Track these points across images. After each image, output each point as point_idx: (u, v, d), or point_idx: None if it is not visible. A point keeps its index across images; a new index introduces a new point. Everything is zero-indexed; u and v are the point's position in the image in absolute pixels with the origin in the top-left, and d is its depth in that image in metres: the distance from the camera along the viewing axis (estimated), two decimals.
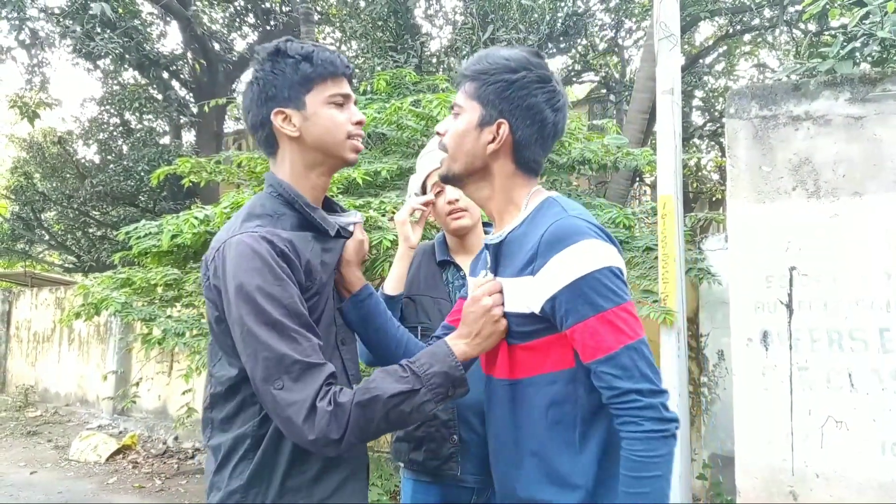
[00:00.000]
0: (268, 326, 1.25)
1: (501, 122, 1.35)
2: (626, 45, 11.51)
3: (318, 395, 1.24)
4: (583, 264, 1.24)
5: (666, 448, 1.21)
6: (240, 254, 1.29)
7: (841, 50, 3.67)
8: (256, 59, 1.44)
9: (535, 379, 1.34)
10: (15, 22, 9.20)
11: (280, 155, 1.45)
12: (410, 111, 4.55)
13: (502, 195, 1.41)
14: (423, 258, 2.20)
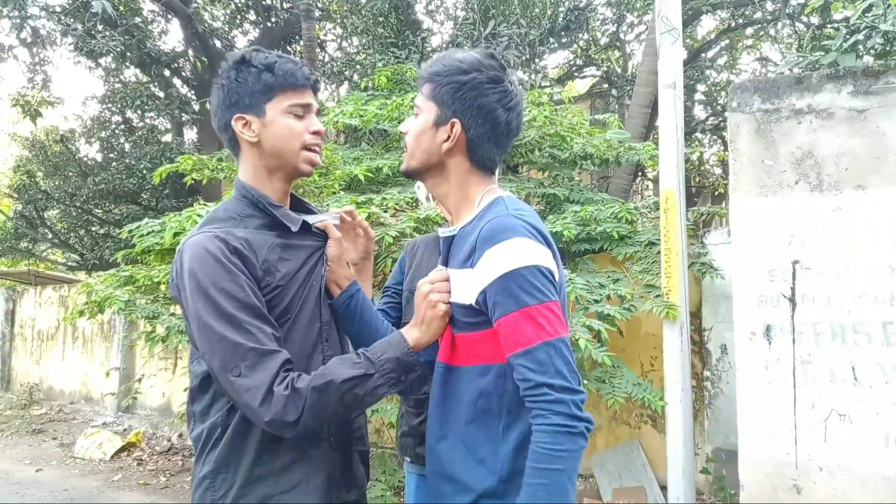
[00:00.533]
0: (222, 319, 1.31)
1: (454, 121, 1.41)
2: (628, 40, 11.48)
3: (275, 381, 1.30)
4: (511, 260, 1.29)
5: (571, 444, 1.23)
6: (194, 254, 1.36)
7: (844, 43, 3.65)
8: (224, 66, 1.50)
9: (470, 368, 1.39)
10: (16, 20, 9.21)
11: (242, 158, 1.52)
12: (412, 107, 4.55)
13: (458, 191, 1.46)
14: (426, 249, 2.20)
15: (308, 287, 1.52)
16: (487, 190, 1.45)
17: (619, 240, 4.12)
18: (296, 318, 1.47)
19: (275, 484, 1.39)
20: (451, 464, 1.40)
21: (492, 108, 1.40)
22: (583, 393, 1.27)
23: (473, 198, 1.45)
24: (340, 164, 4.53)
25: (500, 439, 1.34)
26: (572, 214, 4.09)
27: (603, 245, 4.26)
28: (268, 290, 1.42)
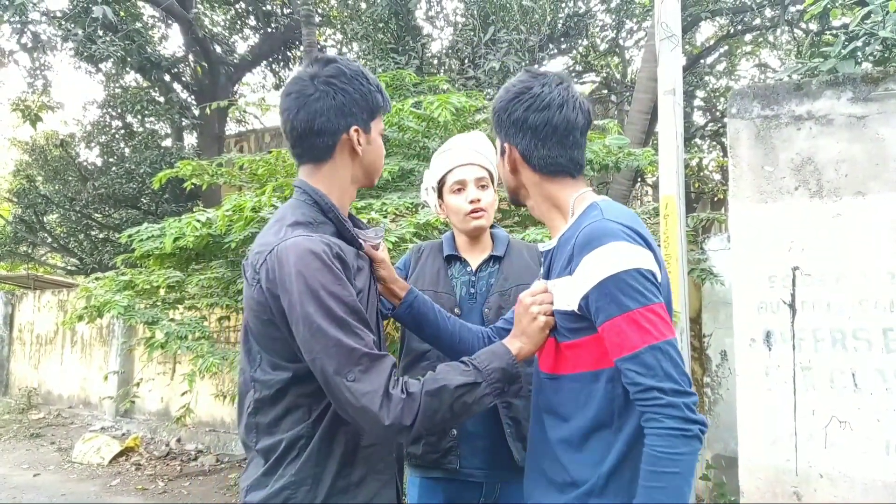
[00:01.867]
0: (335, 323, 1.32)
1: (505, 145, 1.51)
2: (628, 46, 11.51)
3: (391, 384, 1.32)
4: (610, 265, 1.30)
5: (686, 447, 1.23)
6: (300, 255, 1.34)
7: (843, 49, 3.66)
8: (342, 72, 1.50)
9: (578, 375, 1.40)
10: (17, 25, 9.22)
11: (330, 165, 1.52)
12: (411, 113, 4.55)
13: (543, 204, 1.52)
14: (430, 254, 2.23)
15: (370, 304, 1.54)
16: (578, 196, 1.48)
17: None
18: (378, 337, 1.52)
19: (353, 497, 1.41)
20: (555, 466, 1.42)
21: (523, 119, 1.46)
22: (694, 395, 1.27)
23: (563, 206, 1.49)
24: None
25: (610, 441, 1.35)
26: None
27: None
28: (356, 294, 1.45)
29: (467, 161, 2.13)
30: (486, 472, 2.01)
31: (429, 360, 2.05)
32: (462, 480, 2.02)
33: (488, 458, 2.01)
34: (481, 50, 7.38)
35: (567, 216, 1.47)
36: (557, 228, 1.50)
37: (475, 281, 2.13)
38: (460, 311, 2.09)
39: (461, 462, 2.00)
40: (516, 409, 2.00)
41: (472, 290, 2.12)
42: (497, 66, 7.09)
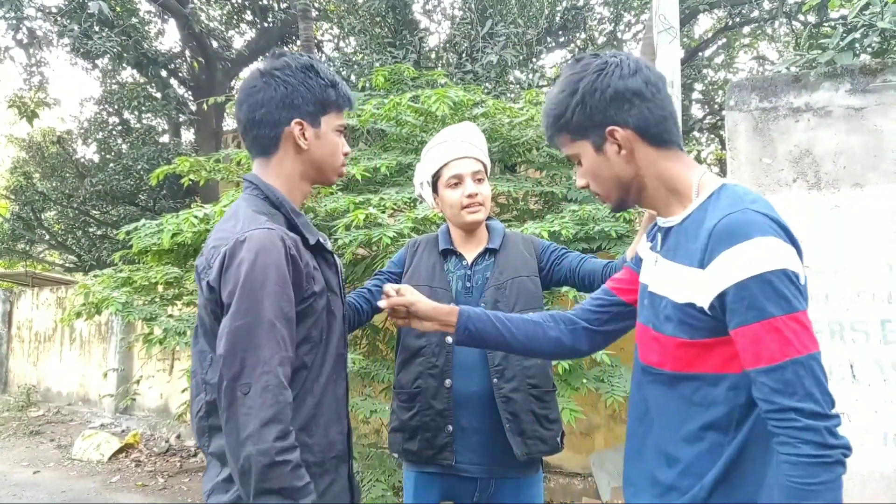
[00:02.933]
0: (262, 326, 1.30)
1: (610, 129, 1.31)
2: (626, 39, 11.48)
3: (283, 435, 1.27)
4: (755, 263, 1.15)
5: (827, 475, 1.10)
6: (253, 248, 1.33)
7: (841, 41, 3.65)
8: (287, 65, 1.50)
9: (696, 375, 1.28)
10: (13, 21, 9.18)
11: (277, 159, 1.52)
12: (409, 107, 4.54)
13: (660, 188, 1.35)
14: (426, 248, 2.21)
15: (334, 310, 1.52)
16: (703, 176, 1.33)
17: (618, 239, 4.11)
18: (327, 341, 1.49)
19: None
20: (658, 466, 1.33)
21: (623, 87, 1.30)
22: (837, 418, 1.14)
23: (685, 188, 1.33)
24: None
25: (721, 449, 1.25)
26: (570, 213, 4.08)
27: (601, 244, 4.25)
28: (305, 297, 1.42)
29: (463, 154, 2.10)
30: (482, 466, 2.00)
31: (424, 357, 2.05)
32: (457, 475, 2.02)
33: (484, 453, 2.00)
34: (479, 44, 7.36)
35: (687, 200, 1.32)
36: (673, 211, 1.35)
37: (471, 275, 2.12)
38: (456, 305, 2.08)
39: (456, 457, 2.00)
40: (515, 403, 1.99)
41: (469, 284, 2.11)
42: (495, 59, 7.07)
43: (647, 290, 1.40)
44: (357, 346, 4.45)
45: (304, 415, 1.42)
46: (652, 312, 1.36)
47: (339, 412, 1.53)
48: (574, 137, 1.36)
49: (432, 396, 2.01)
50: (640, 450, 1.39)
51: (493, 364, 2.01)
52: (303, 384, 1.42)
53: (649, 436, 1.37)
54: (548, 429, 2.06)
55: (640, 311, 1.44)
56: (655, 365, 1.35)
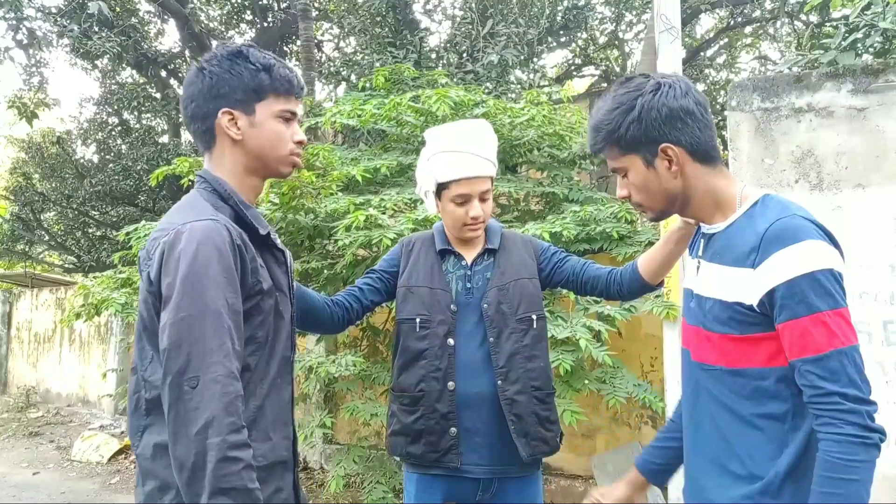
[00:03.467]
0: (207, 316, 1.23)
1: (664, 146, 1.39)
2: (627, 39, 11.48)
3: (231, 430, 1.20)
4: (805, 263, 1.26)
5: (866, 455, 1.21)
6: (195, 239, 1.27)
7: (843, 41, 3.63)
8: (213, 54, 1.44)
9: (744, 370, 1.36)
10: (12, 22, 9.17)
11: (217, 152, 1.46)
12: (410, 107, 4.53)
13: (708, 198, 1.44)
14: (422, 248, 2.17)
15: (282, 311, 1.47)
16: (743, 188, 1.43)
17: (619, 240, 4.10)
18: (273, 343, 1.43)
19: None
20: (728, 454, 1.39)
21: (678, 107, 1.38)
22: (875, 404, 1.25)
23: (729, 200, 1.42)
24: (338, 164, 4.51)
25: (784, 437, 1.32)
26: (571, 214, 4.07)
27: (602, 245, 4.24)
28: (252, 293, 1.37)
29: (475, 174, 2.03)
30: (484, 467, 2.00)
31: (427, 359, 2.03)
32: (460, 476, 2.01)
33: (486, 454, 2.00)
34: (480, 43, 7.35)
35: (730, 210, 1.42)
36: (715, 219, 1.45)
37: (471, 275, 2.09)
38: (456, 307, 2.05)
39: (462, 458, 1.99)
40: (519, 405, 1.98)
41: (469, 285, 2.08)
42: (496, 59, 7.06)
43: (693, 293, 1.49)
44: (357, 348, 4.44)
45: (246, 418, 1.31)
46: (700, 314, 1.44)
47: (284, 417, 1.47)
48: (624, 151, 1.43)
49: (436, 399, 2.00)
50: (701, 447, 1.45)
51: (498, 366, 2.00)
52: (245, 386, 1.32)
53: (710, 431, 1.42)
54: (549, 430, 2.06)
55: (687, 314, 1.52)
56: (711, 363, 1.42)
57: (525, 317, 2.04)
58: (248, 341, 1.35)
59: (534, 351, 2.04)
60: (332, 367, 3.61)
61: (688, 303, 1.52)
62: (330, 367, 3.60)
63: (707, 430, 1.43)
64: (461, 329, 2.03)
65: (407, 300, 2.10)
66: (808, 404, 1.26)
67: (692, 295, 1.49)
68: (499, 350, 2.00)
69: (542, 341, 2.09)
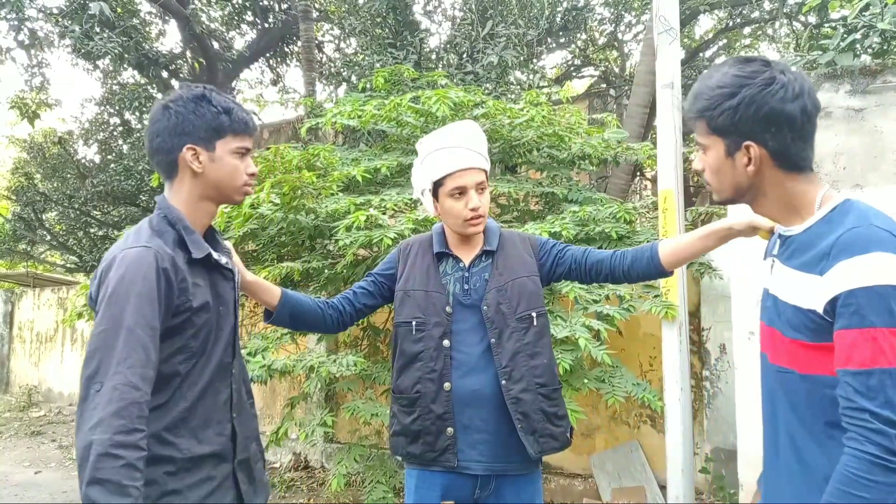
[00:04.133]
0: (121, 331, 1.41)
1: (748, 144, 1.35)
2: (626, 40, 11.48)
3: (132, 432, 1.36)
4: (868, 275, 1.22)
5: (884, 477, 1.17)
6: (125, 263, 1.48)
7: (841, 42, 3.65)
8: (180, 97, 1.63)
9: (816, 377, 1.34)
10: (14, 22, 9.19)
11: (178, 182, 1.65)
12: (410, 108, 4.54)
13: (782, 203, 1.41)
14: (419, 251, 2.18)
15: (222, 324, 1.65)
16: (825, 192, 1.38)
17: (618, 240, 4.11)
18: (209, 353, 1.61)
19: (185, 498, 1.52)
20: (794, 468, 1.38)
21: (779, 111, 1.32)
22: None
23: (808, 205, 1.38)
24: (339, 165, 4.53)
25: None
26: (571, 214, 4.09)
27: (601, 245, 4.25)
28: (181, 310, 1.54)
29: (468, 165, 2.06)
30: (483, 464, 2.01)
31: (422, 361, 2.05)
32: (458, 473, 2.03)
33: (486, 451, 2.01)
34: (479, 44, 7.36)
35: (808, 214, 1.38)
36: (793, 222, 1.41)
37: (468, 276, 2.10)
38: (452, 309, 2.06)
39: (459, 457, 2.01)
40: (525, 403, 2.00)
41: (466, 287, 2.09)
42: (495, 60, 7.08)
43: (769, 293, 1.46)
44: (358, 348, 4.45)
45: (173, 417, 1.53)
46: (776, 315, 1.42)
47: (220, 417, 1.64)
48: (711, 132, 1.40)
49: (432, 401, 2.02)
50: (778, 453, 1.44)
51: (501, 366, 2.01)
52: (176, 389, 1.54)
53: (785, 438, 1.41)
54: (557, 425, 2.07)
55: (764, 313, 1.50)
56: (787, 366, 1.40)
57: (525, 315, 2.05)
58: (180, 350, 1.55)
59: (536, 348, 2.05)
60: (333, 367, 3.63)
61: (765, 301, 1.49)
62: (331, 367, 3.62)
63: (782, 436, 1.43)
64: (458, 330, 2.05)
65: (404, 303, 2.12)
66: (842, 416, 1.24)
67: (768, 294, 1.47)
68: (501, 350, 2.01)
69: (544, 337, 2.10)
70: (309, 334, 4.44)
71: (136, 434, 1.36)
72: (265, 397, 6.72)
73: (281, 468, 6.05)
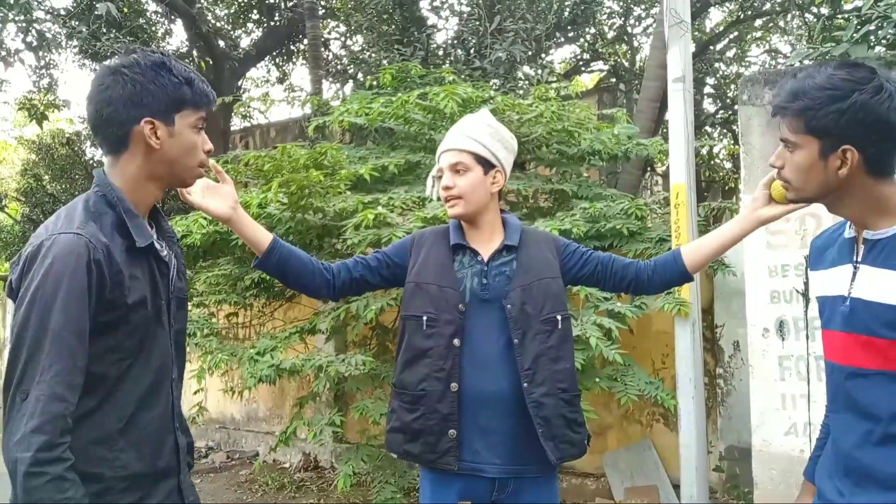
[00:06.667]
0: (46, 334, 1.30)
1: (847, 148, 1.35)
2: (636, 33, 11.40)
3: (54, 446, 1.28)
4: None
5: None
6: (53, 253, 1.33)
7: (855, 33, 3.59)
8: (136, 62, 1.45)
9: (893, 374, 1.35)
10: (22, 24, 9.22)
11: (125, 158, 1.48)
12: (417, 104, 4.51)
13: (867, 205, 1.41)
14: (434, 243, 2.13)
15: (162, 320, 1.52)
16: None
17: (630, 236, 4.07)
18: (147, 351, 1.47)
19: None
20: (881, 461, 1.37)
21: (885, 119, 1.33)
22: None
23: (892, 204, 1.40)
24: (346, 163, 4.50)
25: None
26: (581, 211, 4.04)
27: (613, 242, 4.21)
28: (115, 306, 1.40)
29: (447, 147, 2.07)
30: (500, 467, 1.97)
31: (431, 358, 2.00)
32: (474, 475, 1.99)
33: (502, 453, 1.97)
34: (487, 40, 7.32)
35: (893, 215, 1.40)
36: (879, 225, 1.42)
37: (487, 271, 2.03)
38: (466, 306, 2.00)
39: (472, 457, 1.97)
40: (546, 408, 1.95)
41: (485, 282, 2.02)
42: (503, 55, 7.03)
43: (847, 298, 1.44)
44: (367, 348, 4.43)
45: (107, 428, 1.40)
46: (859, 319, 1.40)
47: (162, 428, 1.51)
48: (807, 131, 1.38)
49: (437, 400, 1.97)
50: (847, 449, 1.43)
51: (523, 368, 1.96)
52: (109, 395, 1.41)
53: (872, 435, 1.39)
54: (577, 432, 2.04)
55: (833, 319, 1.48)
56: (874, 367, 1.39)
57: (550, 317, 2.00)
58: (112, 350, 1.41)
59: (559, 352, 2.01)
60: (342, 367, 3.60)
61: (835, 308, 1.48)
62: (339, 367, 3.60)
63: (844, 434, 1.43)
64: (472, 328, 1.99)
65: (414, 296, 2.06)
66: None
67: (844, 300, 1.45)
68: (523, 351, 1.96)
69: (567, 342, 2.06)
70: (318, 333, 4.42)
71: (58, 449, 1.28)
72: (274, 397, 6.72)
73: (291, 468, 6.05)
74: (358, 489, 4.83)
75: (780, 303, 3.30)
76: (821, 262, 1.58)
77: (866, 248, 1.43)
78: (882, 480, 1.35)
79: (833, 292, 1.49)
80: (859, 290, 1.42)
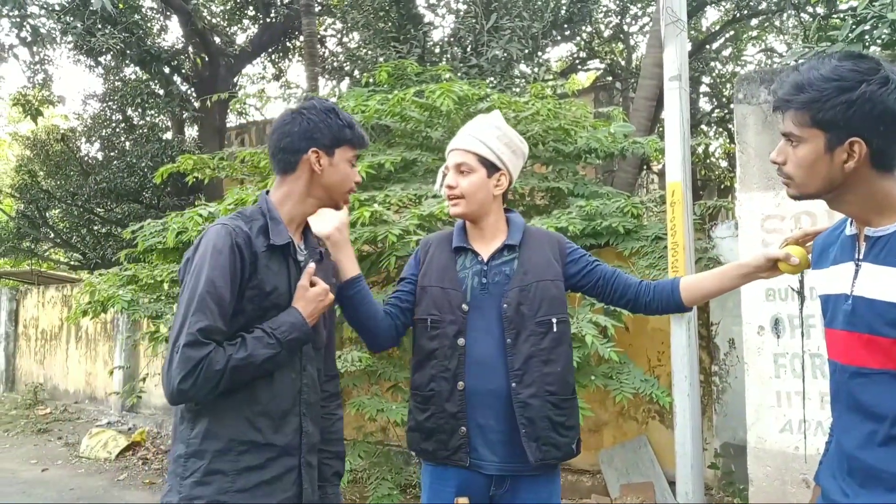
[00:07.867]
0: (194, 298, 1.58)
1: (854, 140, 1.32)
2: (632, 32, 11.42)
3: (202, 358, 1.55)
4: None
5: None
6: (207, 237, 1.68)
7: (850, 33, 3.61)
8: (313, 106, 1.84)
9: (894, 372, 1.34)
10: (16, 19, 9.17)
11: (291, 178, 1.82)
12: (414, 102, 4.50)
13: (869, 201, 1.39)
14: (438, 246, 2.15)
15: (288, 305, 1.75)
16: None
17: (625, 234, 4.08)
18: None
19: (231, 482, 1.61)
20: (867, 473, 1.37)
21: (893, 110, 1.30)
22: None
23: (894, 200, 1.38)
24: None
25: None
26: (577, 209, 4.05)
27: (609, 240, 4.22)
28: (251, 288, 1.67)
29: (452, 147, 2.11)
30: (497, 464, 1.99)
31: (437, 359, 2.01)
32: (473, 471, 2.00)
33: (500, 451, 1.98)
34: (484, 38, 7.32)
35: (894, 212, 1.38)
36: (880, 223, 1.40)
37: (487, 270, 2.04)
38: (468, 306, 2.01)
39: (473, 455, 1.98)
40: (531, 408, 1.96)
41: (485, 280, 2.03)
42: (500, 53, 7.03)
43: (850, 297, 1.42)
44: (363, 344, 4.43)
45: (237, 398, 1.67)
46: (861, 318, 1.38)
47: (286, 408, 1.74)
48: (813, 125, 1.35)
49: (445, 399, 1.99)
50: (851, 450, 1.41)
51: (513, 368, 1.97)
52: None
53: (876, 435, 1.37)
54: (563, 435, 2.03)
55: (836, 318, 1.46)
56: (876, 366, 1.37)
57: (545, 319, 2.00)
58: (245, 329, 1.67)
59: (551, 355, 2.00)
60: (338, 363, 3.60)
61: (837, 306, 1.47)
62: None
63: (845, 434, 1.42)
64: (474, 326, 2.01)
65: (421, 299, 2.09)
66: None
67: (846, 299, 1.44)
68: (515, 352, 1.98)
69: (561, 345, 2.05)
70: None
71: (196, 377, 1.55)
72: None
73: None
74: (355, 486, 4.83)
75: (776, 300, 3.32)
76: (823, 261, 1.56)
77: (868, 245, 1.41)
78: (887, 481, 1.34)
79: (835, 291, 1.47)
80: (861, 288, 1.40)
